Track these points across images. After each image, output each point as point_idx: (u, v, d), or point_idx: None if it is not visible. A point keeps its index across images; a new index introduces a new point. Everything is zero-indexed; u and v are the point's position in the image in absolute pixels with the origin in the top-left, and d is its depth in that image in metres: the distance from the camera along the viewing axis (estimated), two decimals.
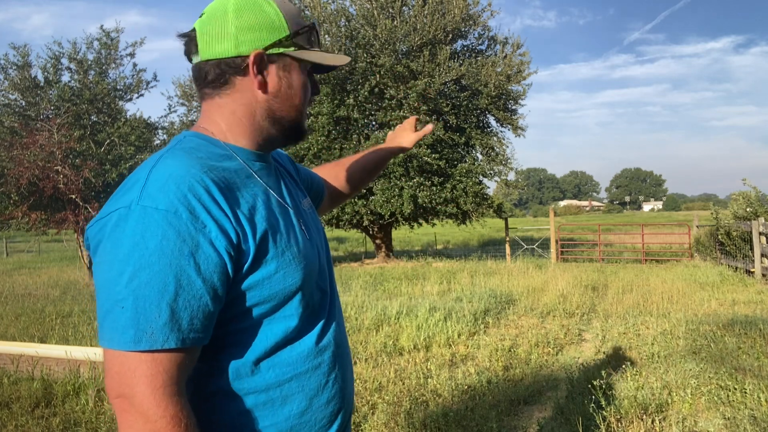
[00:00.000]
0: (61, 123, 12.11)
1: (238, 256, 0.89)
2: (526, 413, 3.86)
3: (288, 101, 1.01)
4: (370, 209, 15.12)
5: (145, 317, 0.81)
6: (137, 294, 0.81)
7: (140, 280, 0.81)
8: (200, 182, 0.87)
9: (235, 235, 0.88)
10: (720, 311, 7.12)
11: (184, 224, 0.83)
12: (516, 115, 17.06)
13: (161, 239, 0.82)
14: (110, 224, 0.85)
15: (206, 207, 0.86)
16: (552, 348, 5.45)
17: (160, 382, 0.81)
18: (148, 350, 0.81)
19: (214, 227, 0.85)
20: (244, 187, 0.95)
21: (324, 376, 1.02)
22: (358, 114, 15.05)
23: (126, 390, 0.81)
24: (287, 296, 0.95)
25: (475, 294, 8.21)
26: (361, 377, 4.44)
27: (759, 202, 11.83)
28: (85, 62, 13.32)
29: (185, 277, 0.83)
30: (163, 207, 0.83)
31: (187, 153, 0.93)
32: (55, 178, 11.24)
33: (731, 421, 3.53)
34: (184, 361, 0.85)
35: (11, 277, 13.61)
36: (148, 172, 0.88)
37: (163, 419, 0.81)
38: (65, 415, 3.77)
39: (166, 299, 0.81)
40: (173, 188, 0.85)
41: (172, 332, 0.82)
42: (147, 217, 0.83)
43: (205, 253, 0.84)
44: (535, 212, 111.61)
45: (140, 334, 0.81)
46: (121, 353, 0.82)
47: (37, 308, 8.25)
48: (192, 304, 0.84)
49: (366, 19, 15.43)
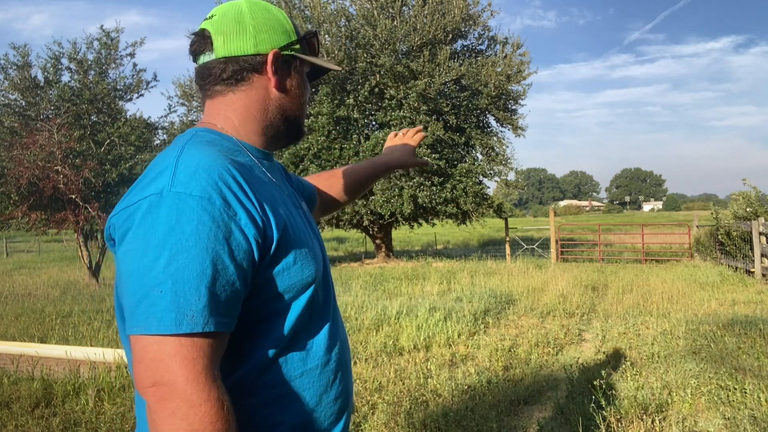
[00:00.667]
0: (61, 123, 12.11)
1: (264, 244, 0.90)
2: (526, 413, 3.86)
3: (297, 100, 1.08)
4: (370, 209, 15.12)
5: (185, 300, 0.80)
6: (176, 277, 0.80)
7: (179, 263, 0.81)
8: (228, 171, 0.89)
9: (261, 224, 0.90)
10: (720, 311, 7.12)
11: (218, 210, 0.84)
12: (516, 115, 17.07)
13: (197, 224, 0.82)
14: (141, 211, 0.85)
15: (236, 195, 0.88)
16: (552, 348, 5.45)
17: (201, 366, 0.80)
18: (188, 334, 0.80)
19: (244, 215, 0.87)
20: (261, 181, 0.98)
21: (332, 373, 1.02)
22: (358, 114, 15.05)
23: (165, 376, 0.79)
24: (302, 288, 0.97)
25: (475, 294, 8.21)
26: (361, 377, 4.44)
27: (759, 202, 11.83)
28: (85, 62, 13.31)
29: (220, 261, 0.83)
30: (197, 193, 0.84)
31: (207, 145, 0.95)
32: (55, 178, 11.24)
33: (731, 421, 3.53)
34: (219, 345, 0.85)
35: (11, 277, 13.61)
36: (176, 161, 0.89)
37: (207, 403, 0.79)
38: (65, 415, 3.77)
39: (204, 283, 0.82)
40: (204, 176, 0.86)
41: (211, 315, 0.82)
42: (182, 202, 0.83)
43: (237, 240, 0.86)
44: (535, 212, 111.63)
45: (181, 317, 0.80)
46: (158, 339, 0.80)
47: (37, 308, 8.25)
48: (227, 289, 0.84)
49: (366, 19, 15.43)
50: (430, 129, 14.58)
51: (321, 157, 14.88)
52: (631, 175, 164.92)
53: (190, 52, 1.05)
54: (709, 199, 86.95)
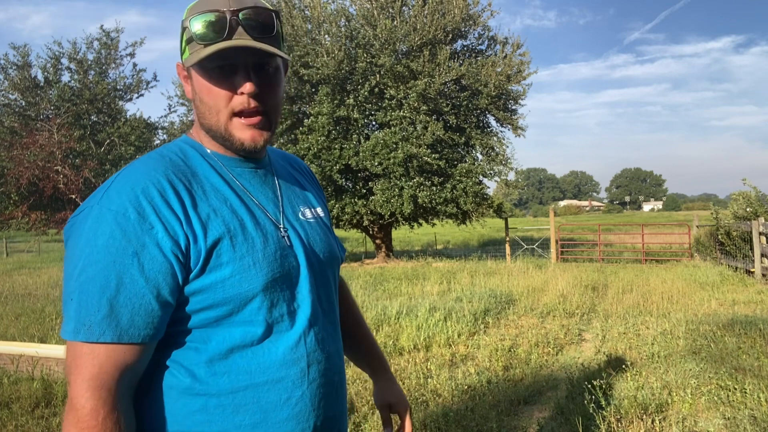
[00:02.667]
0: (61, 123, 12.12)
1: (186, 258, 0.90)
2: (526, 413, 3.86)
3: (204, 105, 0.98)
4: (370, 209, 15.11)
5: (86, 310, 0.86)
6: (82, 288, 0.87)
7: (86, 275, 0.87)
8: (156, 184, 0.91)
9: (184, 238, 0.90)
10: (720, 311, 7.12)
11: (131, 225, 0.87)
12: (516, 115, 17.07)
13: (108, 238, 0.87)
14: (77, 222, 0.92)
15: (156, 209, 0.89)
16: (552, 348, 5.45)
17: (89, 374, 0.86)
18: (86, 341, 0.86)
19: (161, 229, 0.89)
20: (212, 191, 0.97)
21: (286, 392, 0.96)
22: (358, 114, 15.04)
23: (68, 377, 0.88)
24: (244, 301, 0.94)
25: (475, 294, 8.21)
26: (361, 377, 4.43)
27: (759, 202, 11.83)
28: (85, 62, 13.32)
29: (128, 275, 0.87)
30: (114, 208, 0.88)
31: (159, 157, 0.98)
32: (55, 178, 11.25)
33: (731, 421, 3.52)
34: (124, 357, 0.88)
35: (11, 277, 13.61)
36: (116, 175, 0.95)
37: (84, 409, 0.85)
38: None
39: (106, 295, 0.86)
40: (128, 190, 0.90)
41: (109, 327, 0.86)
42: (100, 216, 0.88)
43: (150, 254, 0.88)
44: (535, 212, 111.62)
45: (79, 326, 0.86)
46: (70, 343, 0.87)
47: (37, 308, 8.25)
48: (134, 302, 0.87)
49: (366, 19, 15.43)
50: (430, 129, 14.58)
51: (321, 157, 14.87)
52: (631, 175, 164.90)
53: None
54: (709, 199, 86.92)
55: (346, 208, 15.03)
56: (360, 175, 15.87)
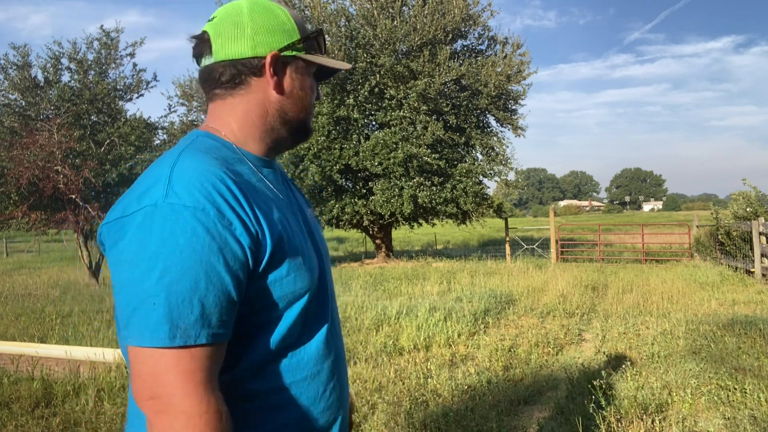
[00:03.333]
0: (61, 123, 12.11)
1: (257, 255, 0.89)
2: (526, 413, 3.86)
3: (299, 102, 1.04)
4: (370, 209, 15.12)
5: (178, 313, 0.81)
6: (170, 290, 0.80)
7: (172, 276, 0.81)
8: (222, 181, 0.88)
9: (255, 234, 0.89)
10: (720, 311, 7.12)
11: (211, 221, 0.84)
12: (516, 115, 17.07)
13: (191, 236, 0.82)
14: (135, 222, 0.84)
15: (230, 204, 0.87)
16: (552, 348, 5.45)
17: (199, 378, 0.81)
18: (183, 346, 0.81)
19: (239, 224, 0.86)
20: (258, 190, 0.97)
21: (322, 385, 1.00)
22: (358, 114, 15.05)
23: (162, 389, 0.80)
24: (295, 299, 0.95)
25: (475, 294, 8.21)
26: (361, 377, 4.44)
27: (759, 202, 11.83)
28: (85, 62, 13.31)
29: (215, 273, 0.83)
30: (191, 204, 0.83)
31: (204, 152, 0.94)
32: (55, 178, 11.24)
33: (731, 421, 3.53)
34: (215, 356, 0.85)
35: (11, 277, 13.61)
36: (171, 170, 0.88)
37: (207, 414, 0.80)
38: (65, 415, 3.77)
39: (197, 295, 0.82)
40: (198, 185, 0.85)
41: (203, 328, 0.82)
42: (176, 213, 0.83)
43: (232, 250, 0.85)
44: (535, 212, 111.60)
45: (174, 329, 0.80)
46: (155, 352, 0.80)
47: (37, 308, 8.25)
48: (221, 300, 0.84)
49: (366, 19, 15.43)
50: (430, 129, 14.58)
51: (321, 157, 14.87)
52: (631, 175, 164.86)
53: (193, 55, 1.05)
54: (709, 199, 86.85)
55: (346, 208, 15.03)
56: (360, 175, 15.88)
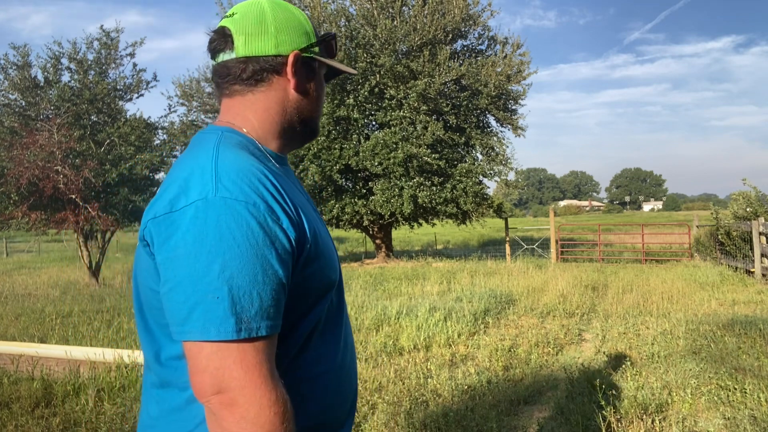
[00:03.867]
0: (61, 123, 12.11)
1: (300, 248, 0.92)
2: (526, 413, 3.86)
3: (314, 101, 1.08)
4: (370, 209, 15.11)
5: (241, 306, 0.82)
6: (231, 284, 0.82)
7: (232, 269, 0.82)
8: (265, 175, 0.91)
9: (299, 228, 0.91)
10: (720, 311, 7.12)
11: (263, 215, 0.86)
12: (516, 115, 17.08)
13: (247, 230, 0.84)
14: (187, 217, 0.84)
15: (276, 199, 0.89)
16: (552, 348, 5.45)
17: (266, 370, 0.83)
18: (246, 339, 0.82)
19: (285, 218, 0.89)
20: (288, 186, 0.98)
21: (346, 375, 1.05)
22: (358, 114, 15.05)
23: (231, 383, 0.81)
24: (324, 292, 0.99)
25: (475, 294, 8.21)
26: (361, 377, 4.44)
27: (759, 202, 11.83)
28: (85, 62, 13.30)
29: (269, 266, 0.85)
30: (243, 198, 0.85)
31: (239, 148, 0.96)
32: (55, 178, 11.23)
33: (731, 421, 3.53)
34: (274, 347, 0.87)
35: (11, 277, 13.61)
36: (215, 164, 0.89)
37: (277, 404, 0.82)
38: (65, 415, 3.77)
39: (257, 288, 0.83)
40: (246, 180, 0.87)
41: (263, 320, 0.84)
42: (229, 208, 0.84)
43: (282, 243, 0.87)
44: (535, 212, 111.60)
45: (239, 323, 0.81)
46: (221, 346, 0.81)
47: (37, 308, 8.25)
48: (277, 292, 0.86)
49: (366, 19, 15.44)
50: (430, 129, 14.58)
51: (321, 157, 14.88)
52: (631, 175, 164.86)
53: (208, 50, 1.05)
54: (709, 199, 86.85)
55: (346, 208, 15.04)
56: (360, 175, 15.88)
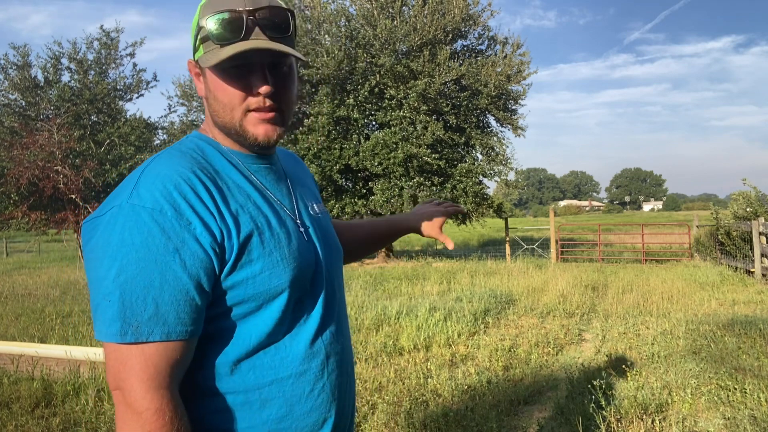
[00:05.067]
0: (61, 123, 12.12)
1: (222, 253, 0.90)
2: (526, 413, 3.86)
3: (218, 103, 0.98)
4: (370, 209, 15.11)
5: (131, 310, 0.84)
6: (124, 288, 0.84)
7: (127, 275, 0.84)
8: (186, 181, 0.90)
9: (219, 233, 0.89)
10: (720, 311, 7.12)
11: (169, 221, 0.86)
12: (516, 115, 17.07)
13: (147, 236, 0.85)
14: (103, 222, 0.88)
15: (191, 204, 0.88)
16: (552, 348, 5.45)
17: (147, 375, 0.84)
18: (135, 343, 0.84)
19: (199, 224, 0.88)
20: (235, 187, 0.97)
21: (309, 384, 0.99)
22: (358, 114, 15.04)
23: (120, 383, 0.84)
24: (272, 297, 0.95)
25: (475, 294, 8.21)
26: (361, 377, 4.44)
27: (759, 202, 11.83)
28: (85, 62, 13.33)
29: (170, 272, 0.85)
30: (149, 205, 0.86)
31: (180, 153, 0.96)
32: (55, 178, 11.24)
33: (731, 421, 3.52)
34: (174, 354, 0.87)
35: (11, 277, 13.60)
36: (141, 173, 0.92)
37: (148, 411, 0.83)
38: (65, 415, 3.77)
39: (152, 294, 0.84)
40: (159, 187, 0.88)
41: (157, 325, 0.85)
42: (135, 214, 0.86)
43: (191, 249, 0.87)
44: (535, 212, 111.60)
45: (126, 326, 0.84)
46: (116, 346, 0.85)
47: (37, 308, 8.25)
48: (179, 299, 0.86)
49: (366, 19, 15.43)
50: (430, 129, 14.58)
51: (321, 157, 14.87)
52: (631, 175, 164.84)
53: None
54: (709, 199, 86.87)
55: (346, 208, 15.04)
56: (360, 175, 15.88)
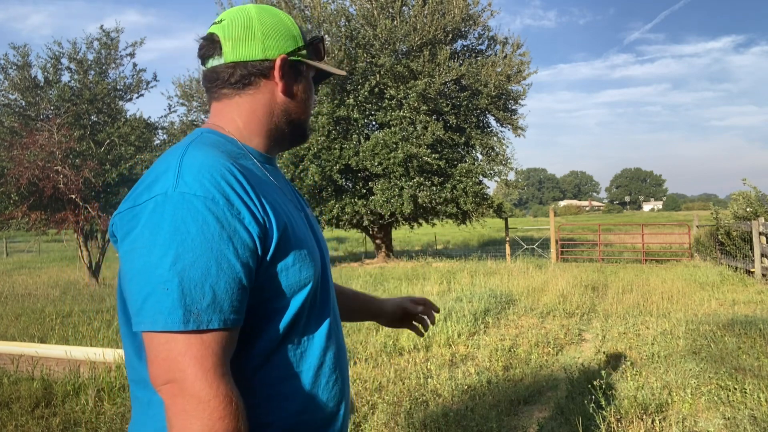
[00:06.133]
0: (61, 123, 12.11)
1: (265, 244, 0.92)
2: (526, 413, 3.86)
3: (302, 104, 1.10)
4: (370, 209, 15.11)
5: (191, 298, 0.83)
6: (182, 276, 0.83)
7: (184, 262, 0.83)
8: (230, 171, 0.91)
9: (263, 224, 0.91)
10: (720, 311, 7.12)
11: (221, 210, 0.87)
12: (516, 115, 17.08)
13: (202, 224, 0.85)
14: (146, 211, 0.87)
15: (239, 194, 0.90)
16: (552, 348, 5.45)
17: (210, 363, 0.83)
18: (195, 331, 0.83)
19: (247, 214, 0.89)
20: (264, 182, 1.00)
21: (326, 376, 1.02)
22: (358, 114, 15.05)
23: (176, 374, 0.82)
24: (299, 289, 0.97)
25: (475, 294, 8.21)
26: (361, 377, 4.44)
27: (759, 202, 11.83)
28: (85, 62, 13.31)
29: (225, 260, 0.86)
30: (201, 193, 0.86)
31: (211, 146, 0.98)
32: (55, 178, 11.24)
33: (731, 421, 3.52)
34: (227, 342, 0.87)
35: (11, 277, 13.61)
36: (179, 161, 0.91)
37: (216, 399, 0.82)
38: (65, 415, 3.77)
39: (209, 281, 0.84)
40: (207, 176, 0.88)
41: (215, 313, 0.84)
42: (186, 202, 0.86)
43: (242, 238, 0.88)
44: (535, 212, 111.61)
45: (188, 314, 0.83)
46: (169, 337, 0.83)
47: (37, 308, 8.25)
48: (232, 287, 0.87)
49: (366, 19, 15.43)
50: (430, 129, 14.58)
51: (321, 157, 14.88)
52: (631, 175, 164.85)
53: (198, 56, 1.08)
54: (709, 199, 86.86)
55: (346, 208, 15.03)
56: (360, 175, 15.88)
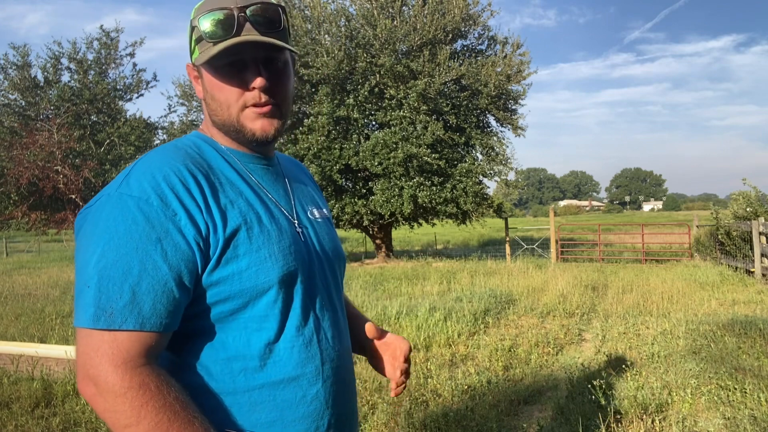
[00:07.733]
0: (61, 123, 12.13)
1: (206, 247, 0.90)
2: (526, 413, 3.86)
3: (215, 102, 1.00)
4: (370, 209, 15.11)
5: (107, 296, 0.83)
6: (102, 274, 0.84)
7: (106, 260, 0.84)
8: (176, 173, 0.91)
9: (204, 226, 0.90)
10: (720, 311, 7.12)
11: (154, 211, 0.86)
12: (516, 115, 17.06)
13: (130, 224, 0.85)
14: (92, 211, 0.90)
15: (179, 196, 0.89)
16: (552, 348, 5.45)
17: (120, 360, 0.83)
18: (107, 329, 0.83)
19: (184, 216, 0.88)
20: (228, 183, 0.97)
21: (301, 390, 0.96)
22: (358, 114, 15.04)
23: (90, 370, 0.83)
24: (259, 294, 0.93)
25: (475, 294, 8.20)
26: (361, 377, 4.44)
27: (759, 202, 11.83)
28: (84, 62, 13.33)
29: (151, 261, 0.85)
30: (136, 194, 0.87)
31: (175, 148, 0.98)
32: (55, 178, 11.25)
33: (731, 421, 3.52)
34: (147, 343, 0.85)
35: (11, 277, 13.60)
36: (134, 165, 0.93)
37: (131, 390, 0.82)
38: (65, 415, 3.77)
39: (129, 281, 0.84)
40: (149, 177, 0.89)
41: (131, 314, 0.84)
42: (121, 203, 0.87)
43: (174, 241, 0.87)
44: (535, 212, 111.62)
45: (100, 312, 0.83)
46: (87, 333, 0.84)
47: (37, 308, 8.25)
48: (156, 289, 0.85)
49: (366, 19, 15.42)
50: (430, 129, 14.58)
51: (321, 157, 14.87)
52: (631, 174, 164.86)
53: None
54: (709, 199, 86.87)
55: (346, 208, 15.03)
56: (360, 175, 15.87)
